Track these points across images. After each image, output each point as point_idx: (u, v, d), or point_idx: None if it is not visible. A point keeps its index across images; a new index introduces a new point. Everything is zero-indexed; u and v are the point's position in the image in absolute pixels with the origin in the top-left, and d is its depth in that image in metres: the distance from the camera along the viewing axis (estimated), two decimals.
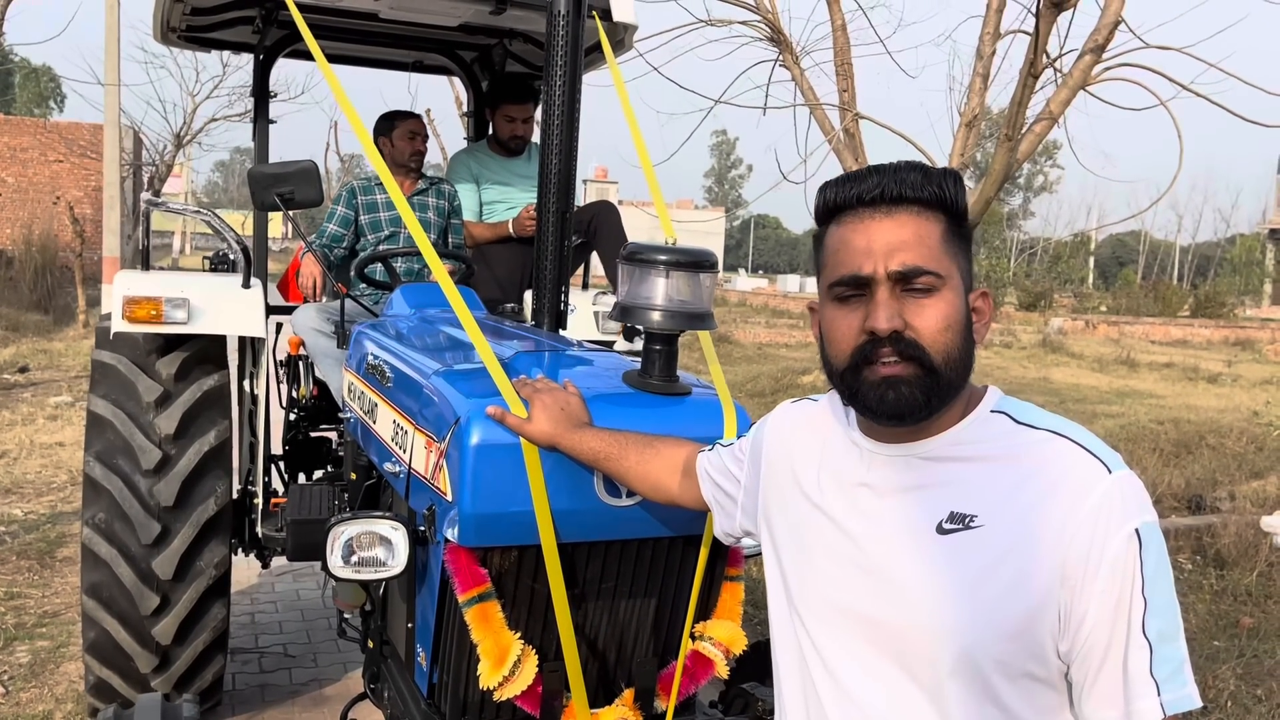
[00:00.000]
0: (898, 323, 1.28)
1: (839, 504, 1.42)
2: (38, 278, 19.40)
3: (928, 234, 1.31)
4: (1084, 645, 1.23)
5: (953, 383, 1.31)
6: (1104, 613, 1.22)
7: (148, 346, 3.71)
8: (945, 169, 1.34)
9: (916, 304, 1.29)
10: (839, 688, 1.38)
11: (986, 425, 1.35)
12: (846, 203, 1.34)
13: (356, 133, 2.68)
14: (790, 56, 7.44)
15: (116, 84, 16.34)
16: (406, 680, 2.46)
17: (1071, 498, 1.24)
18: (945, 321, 1.29)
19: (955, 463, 1.33)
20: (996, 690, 1.26)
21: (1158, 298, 36.75)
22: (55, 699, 4.20)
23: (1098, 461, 1.27)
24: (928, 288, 1.29)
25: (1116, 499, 1.24)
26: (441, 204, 4.43)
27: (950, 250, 1.32)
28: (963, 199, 1.34)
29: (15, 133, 27.15)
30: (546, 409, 1.97)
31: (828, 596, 1.40)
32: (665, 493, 1.89)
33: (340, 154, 23.85)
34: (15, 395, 11.00)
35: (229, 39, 4.51)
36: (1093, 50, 6.22)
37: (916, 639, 1.30)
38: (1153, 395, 15.93)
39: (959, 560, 1.28)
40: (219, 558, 3.65)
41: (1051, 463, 1.28)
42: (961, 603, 1.26)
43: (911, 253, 1.29)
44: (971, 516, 1.29)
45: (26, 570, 5.72)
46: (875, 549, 1.35)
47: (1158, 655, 1.22)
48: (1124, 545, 1.22)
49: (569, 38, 2.64)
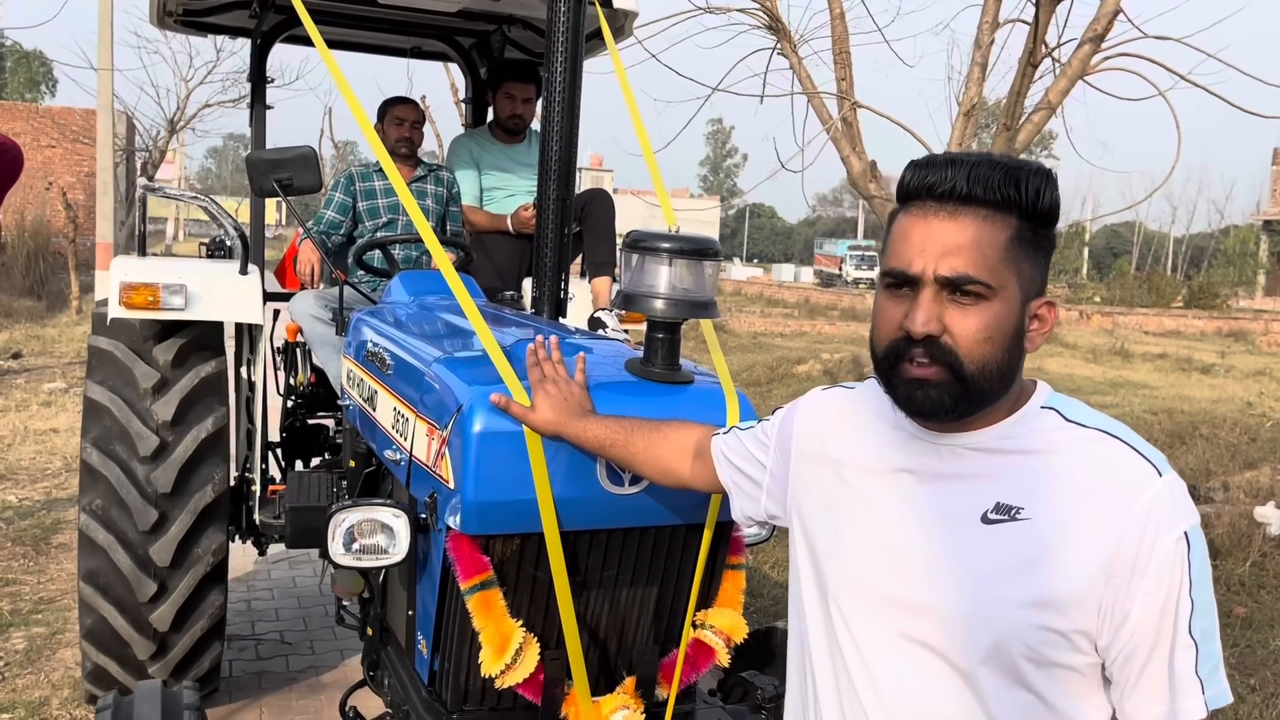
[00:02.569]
0: (934, 327, 1.27)
1: (879, 489, 1.42)
2: (31, 263, 19.30)
3: (989, 240, 1.27)
4: (1127, 643, 1.25)
5: (985, 391, 1.30)
6: (1150, 612, 1.24)
7: (145, 333, 3.69)
8: (1036, 167, 1.29)
9: (960, 310, 1.28)
10: (871, 672, 1.39)
11: (1036, 420, 1.35)
12: (918, 191, 1.32)
13: (356, 118, 2.67)
14: (788, 44, 7.41)
15: (110, 69, 16.25)
16: (407, 668, 2.46)
17: (1122, 498, 1.26)
18: (986, 332, 1.28)
19: (1003, 455, 1.34)
20: (1028, 677, 1.28)
21: (1152, 288, 36.77)
22: (52, 685, 4.20)
23: (1148, 464, 1.28)
24: (976, 295, 1.27)
25: (1167, 502, 1.25)
26: (440, 191, 4.41)
27: (1012, 257, 1.29)
28: (1048, 200, 1.29)
29: (7, 118, 26.99)
30: (549, 398, 1.97)
31: (864, 581, 1.41)
32: (675, 477, 1.88)
33: (335, 141, 23.68)
34: (9, 381, 10.96)
35: (226, 23, 4.48)
36: (1091, 40, 6.22)
37: (952, 625, 1.31)
38: (1146, 386, 15.97)
39: (1001, 550, 1.29)
40: (216, 545, 3.65)
41: (1102, 462, 1.29)
42: (1000, 592, 1.28)
43: (963, 259, 1.26)
44: (1018, 509, 1.30)
45: (22, 557, 5.71)
46: (915, 534, 1.36)
47: (1202, 653, 1.25)
48: (1173, 548, 1.24)
49: (570, 23, 2.62)
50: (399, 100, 4.42)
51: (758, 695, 2.73)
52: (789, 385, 13.41)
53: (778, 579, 5.64)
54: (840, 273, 54.64)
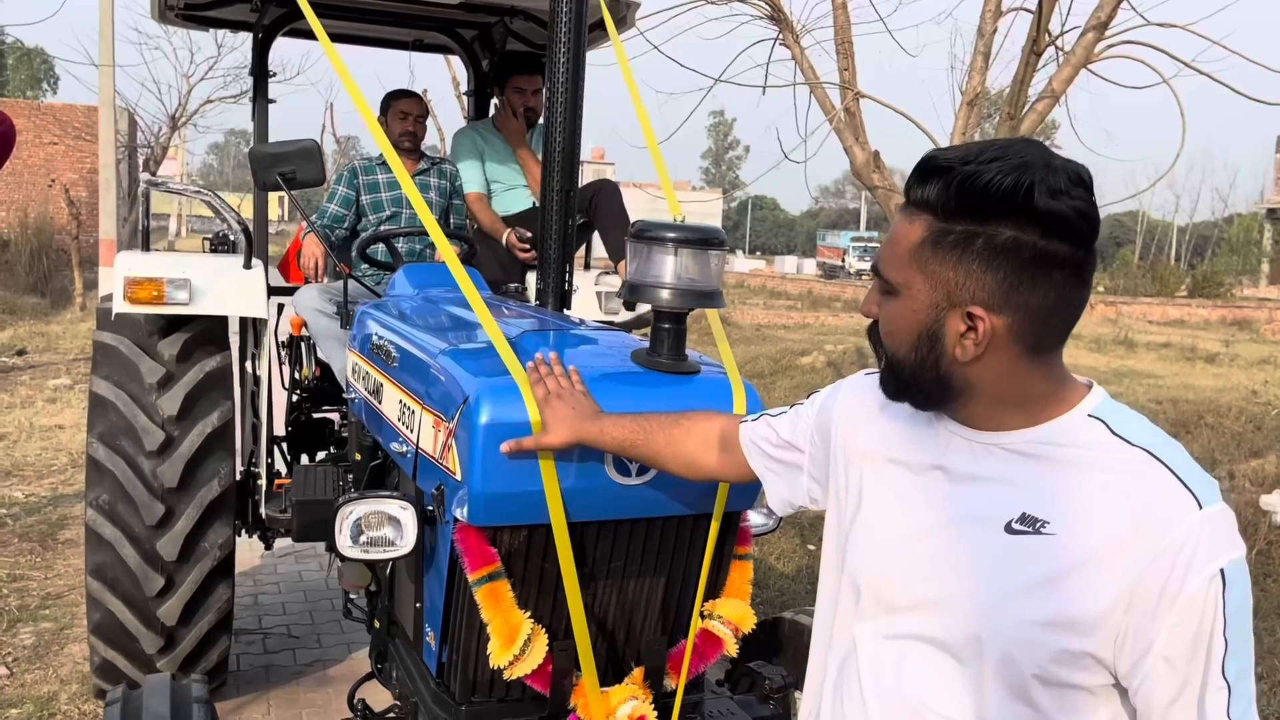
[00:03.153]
0: (871, 310, 1.38)
1: (908, 483, 1.40)
2: (34, 260, 19.34)
3: (903, 238, 1.30)
4: (1150, 676, 1.20)
5: (919, 385, 1.33)
6: (1177, 648, 1.18)
7: (149, 327, 3.70)
8: (962, 173, 1.23)
9: (884, 301, 1.36)
10: (875, 663, 1.38)
11: (1080, 430, 1.29)
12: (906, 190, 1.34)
13: (361, 112, 2.65)
14: (790, 35, 7.38)
15: (111, 65, 16.24)
16: (415, 660, 2.46)
17: (1154, 529, 1.19)
18: (892, 327, 1.34)
19: (1039, 461, 1.28)
20: (1033, 693, 1.24)
21: (1155, 278, 36.69)
22: (60, 680, 4.21)
23: (1189, 494, 1.21)
24: (890, 291, 1.34)
25: (1205, 537, 1.18)
26: (444, 184, 4.41)
27: (921, 259, 1.27)
28: (960, 205, 1.23)
29: (9, 114, 26.93)
30: (557, 413, 1.94)
31: (883, 573, 1.39)
32: (702, 469, 1.85)
33: (336, 135, 23.66)
34: (13, 378, 10.98)
35: (227, 17, 4.47)
36: (1095, 28, 6.19)
37: (963, 630, 1.28)
38: (1151, 375, 15.94)
39: (1021, 563, 1.24)
40: (223, 539, 3.66)
41: (1140, 486, 1.22)
42: (1014, 606, 1.24)
43: (883, 253, 1.34)
44: (1044, 522, 1.24)
45: (28, 552, 5.72)
46: (939, 535, 1.33)
47: (1234, 693, 1.19)
48: (1204, 585, 1.17)
49: (573, 14, 2.61)
50: (402, 94, 4.41)
51: (765, 685, 2.72)
52: (792, 377, 13.40)
53: (783, 570, 5.64)
54: (843, 264, 54.58)
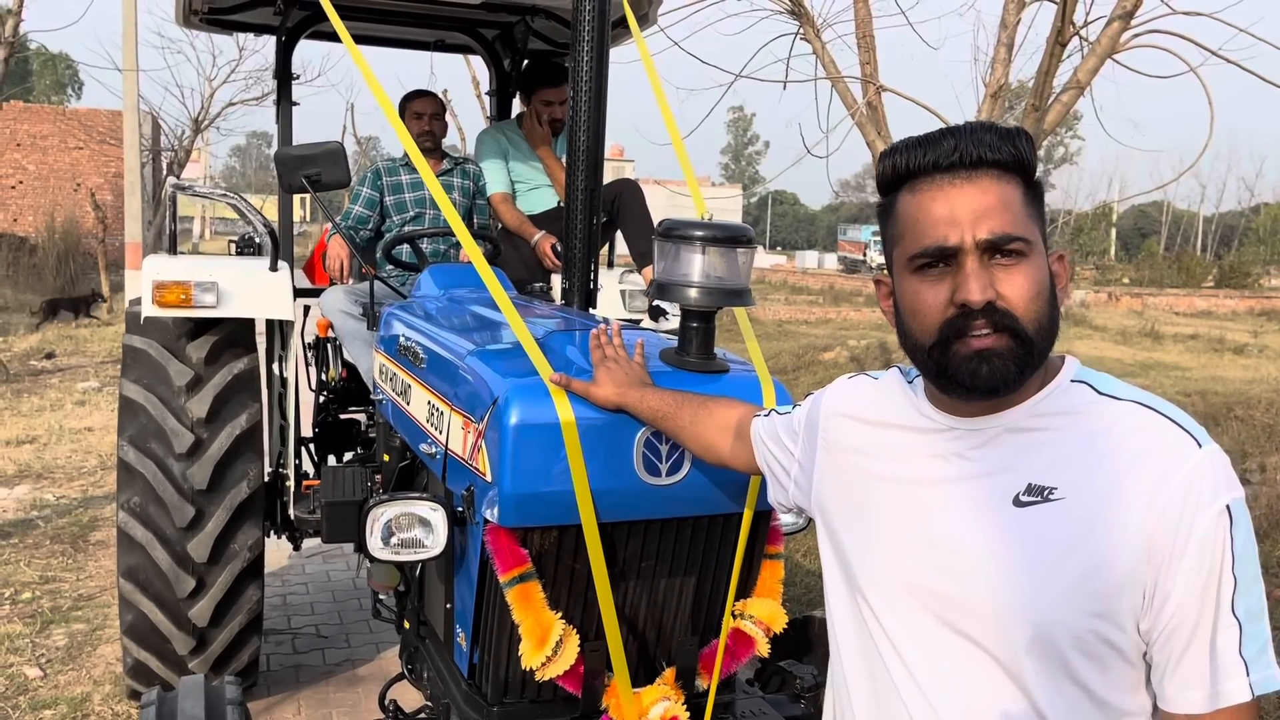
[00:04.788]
0: (991, 294, 1.23)
1: (908, 478, 1.38)
2: (61, 264, 19.56)
3: (1012, 198, 1.26)
4: (1168, 623, 1.19)
5: (1043, 352, 1.27)
6: (1192, 591, 1.18)
7: (178, 331, 3.72)
8: (1017, 128, 1.28)
9: (1006, 272, 1.24)
10: (908, 667, 1.35)
11: (1067, 395, 1.30)
12: (921, 168, 1.28)
13: (385, 113, 2.66)
14: (811, 29, 7.35)
15: (134, 70, 16.35)
16: (446, 661, 2.46)
17: (1160, 472, 1.20)
18: (1036, 289, 1.25)
19: (1034, 433, 1.29)
20: (1074, 668, 1.23)
21: (1181, 269, 36.33)
22: (93, 681, 4.25)
23: (1187, 435, 1.22)
24: (1017, 254, 1.24)
25: (1208, 474, 1.19)
26: (466, 184, 4.42)
27: (1031, 213, 1.27)
28: (1035, 159, 1.29)
29: (35, 120, 27.29)
30: (610, 372, 2.01)
31: (895, 573, 1.37)
32: (716, 454, 1.88)
33: (358, 136, 23.79)
34: (43, 381, 11.10)
35: (251, 21, 4.50)
36: (1121, 17, 6.12)
37: (990, 616, 1.26)
38: (1178, 367, 15.79)
39: (1037, 534, 1.24)
40: (252, 540, 3.68)
41: (1138, 435, 1.23)
42: (1038, 579, 1.23)
43: (999, 219, 1.24)
44: (1051, 489, 1.24)
45: (60, 554, 5.78)
46: (947, 523, 1.32)
47: (1246, 634, 1.18)
48: (1214, 521, 1.18)
49: (596, 11, 2.60)
50: (418, 94, 4.42)
51: (796, 684, 2.72)
52: (815, 373, 13.36)
53: (810, 567, 5.62)
54: (864, 258, 54.33)
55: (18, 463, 7.68)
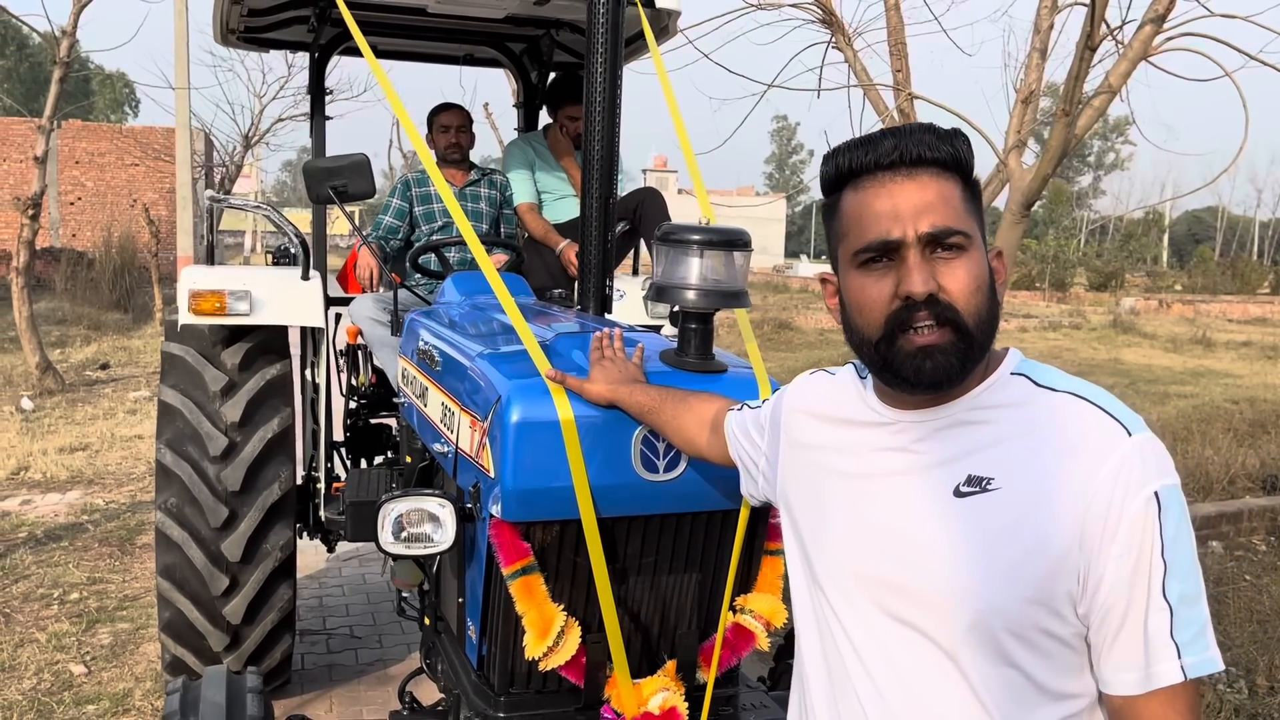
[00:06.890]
0: (932, 285, 1.28)
1: (858, 472, 1.43)
2: (117, 278, 20.02)
3: (951, 195, 1.30)
4: (1102, 607, 1.23)
5: (984, 346, 1.31)
6: (1122, 575, 1.21)
7: (213, 338, 3.85)
8: (954, 129, 1.33)
9: (947, 266, 1.29)
10: (860, 656, 1.39)
11: (1006, 388, 1.34)
12: (863, 168, 1.33)
13: (405, 127, 2.76)
14: (843, 38, 7.38)
15: (186, 88, 16.81)
16: (458, 653, 2.54)
17: (1090, 460, 1.24)
18: (976, 282, 1.29)
19: (974, 426, 1.33)
20: (1010, 652, 1.26)
21: (1236, 275, 35.62)
22: (135, 678, 4.39)
23: (1117, 424, 1.26)
24: (957, 248, 1.29)
25: (1136, 461, 1.23)
26: (494, 194, 4.52)
27: (970, 210, 1.32)
28: (972, 158, 1.34)
29: (93, 138, 28.10)
30: (605, 370, 2.09)
31: (847, 564, 1.41)
32: (695, 447, 1.95)
33: (403, 150, 24.10)
34: (97, 391, 11.42)
35: (285, 38, 4.63)
36: (1153, 20, 6.07)
37: (934, 603, 1.30)
38: (1229, 375, 15.48)
39: (976, 523, 1.28)
40: (284, 540, 3.79)
41: (1070, 425, 1.27)
42: (977, 566, 1.26)
43: (939, 214, 1.28)
44: (989, 480, 1.29)
45: (108, 556, 5.97)
46: (894, 514, 1.36)
47: (1178, 618, 1.21)
48: (1142, 507, 1.21)
49: (609, 25, 2.68)
50: (444, 107, 4.52)
51: None
52: None
53: None
54: None
55: (70, 469, 7.92)
